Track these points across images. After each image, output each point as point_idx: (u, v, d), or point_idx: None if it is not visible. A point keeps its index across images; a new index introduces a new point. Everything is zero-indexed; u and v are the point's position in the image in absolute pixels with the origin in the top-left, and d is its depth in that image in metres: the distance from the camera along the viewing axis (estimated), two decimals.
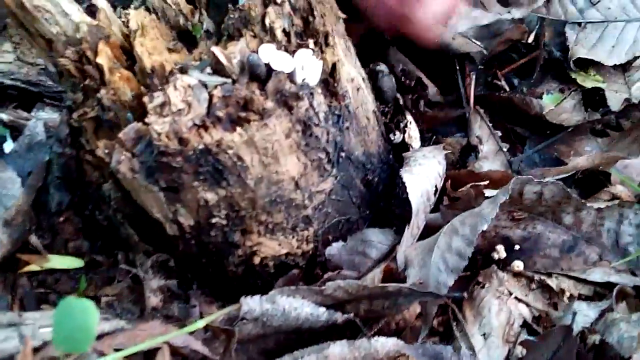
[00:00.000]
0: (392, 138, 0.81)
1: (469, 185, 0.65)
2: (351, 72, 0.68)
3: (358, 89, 0.69)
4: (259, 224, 0.61)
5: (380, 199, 0.74)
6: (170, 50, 0.65)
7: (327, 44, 0.63)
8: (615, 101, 0.73)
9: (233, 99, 0.56)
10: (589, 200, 0.68)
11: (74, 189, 0.73)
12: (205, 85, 0.56)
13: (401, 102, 0.77)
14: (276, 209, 0.61)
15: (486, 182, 0.65)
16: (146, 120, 0.54)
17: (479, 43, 0.75)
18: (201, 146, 0.54)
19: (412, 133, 0.80)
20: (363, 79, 0.73)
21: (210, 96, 0.56)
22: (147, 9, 0.66)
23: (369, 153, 0.72)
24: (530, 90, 0.80)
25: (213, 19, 0.68)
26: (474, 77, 0.76)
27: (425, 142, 0.79)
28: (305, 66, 0.60)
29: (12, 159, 0.78)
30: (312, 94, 0.59)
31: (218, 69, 0.58)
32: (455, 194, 0.67)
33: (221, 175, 0.56)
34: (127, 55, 0.63)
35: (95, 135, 0.64)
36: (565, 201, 0.62)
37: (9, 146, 0.80)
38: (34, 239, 0.71)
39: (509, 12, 0.77)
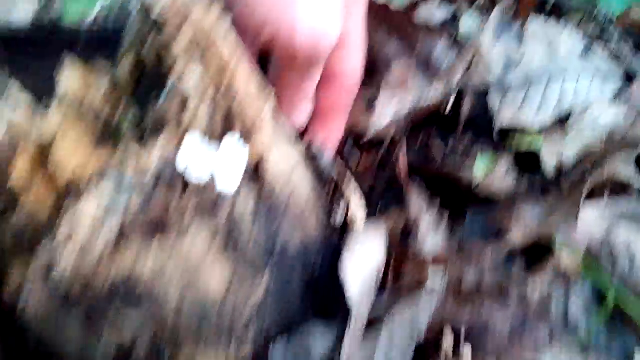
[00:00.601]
0: (333, 220, 0.77)
1: (408, 270, 0.62)
2: (284, 155, 0.64)
3: (291, 175, 0.65)
4: (187, 344, 0.56)
5: (325, 285, 0.70)
6: (93, 152, 0.59)
7: (253, 132, 0.58)
8: (549, 164, 0.71)
9: (150, 212, 0.52)
10: (533, 272, 0.65)
11: None
12: (117, 201, 0.52)
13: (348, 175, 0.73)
14: (204, 327, 0.56)
15: (428, 265, 0.62)
16: (52, 255, 0.49)
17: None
18: (112, 275, 0.49)
19: (356, 212, 0.76)
20: (299, 160, 0.70)
21: (121, 214, 0.51)
22: (68, 104, 0.61)
23: (308, 241, 0.67)
24: (462, 157, 0.78)
25: (140, 111, 0.63)
26: (404, 148, 0.73)
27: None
28: (227, 162, 0.56)
29: None
30: (233, 198, 0.55)
31: (134, 177, 0.54)
32: (396, 279, 0.63)
33: (137, 306, 0.51)
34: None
35: (10, 261, 0.58)
36: (507, 282, 0.59)
37: None
38: None
39: (430, 91, 0.75)
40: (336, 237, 0.77)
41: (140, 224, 0.51)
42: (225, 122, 0.58)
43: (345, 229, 0.79)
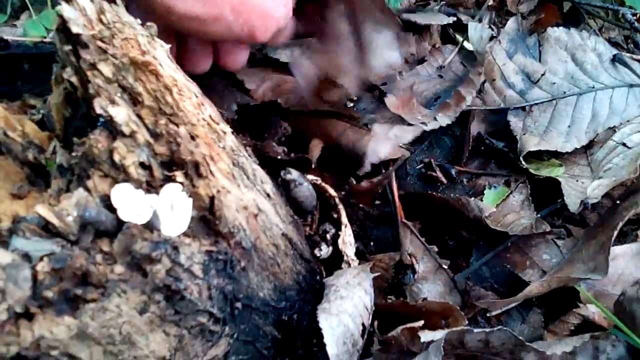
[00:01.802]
0: (319, 254, 0.66)
1: (400, 329, 0.50)
2: (243, 198, 0.53)
3: (256, 215, 0.54)
4: None
5: (305, 338, 0.58)
6: (14, 196, 0.51)
7: (199, 175, 0.48)
8: (573, 199, 0.57)
9: (68, 271, 0.42)
10: (555, 324, 0.52)
11: None
12: (27, 257, 0.42)
13: (340, 211, 0.62)
14: None
15: (421, 323, 0.49)
16: None
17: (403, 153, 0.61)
18: (13, 352, 0.39)
19: (346, 239, 0.65)
20: (268, 195, 0.59)
21: (35, 272, 0.41)
22: None
23: (282, 287, 0.56)
24: (471, 183, 0.65)
25: (69, 147, 0.54)
26: (394, 179, 0.61)
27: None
28: (169, 207, 0.46)
29: None
30: (175, 248, 0.45)
31: (53, 229, 0.44)
32: (386, 337, 0.51)
33: None
34: None
35: None
36: (519, 348, 0.47)
37: None
38: None
39: (434, 118, 0.62)
40: (319, 277, 0.66)
41: (58, 279, 0.41)
42: (166, 165, 0.48)
43: (332, 264, 0.67)
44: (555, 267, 0.54)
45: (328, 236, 0.66)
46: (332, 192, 0.65)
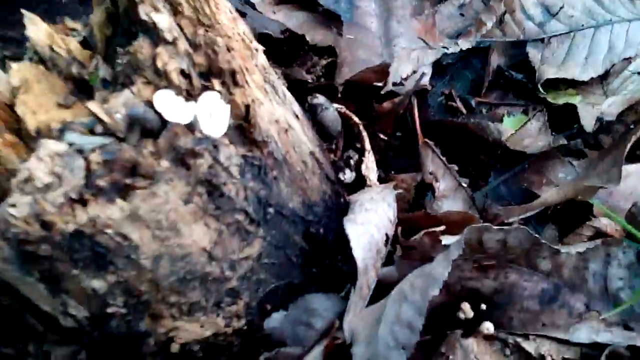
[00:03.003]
0: (343, 177, 0.68)
1: (422, 233, 0.52)
2: (275, 112, 0.56)
3: (287, 130, 0.57)
4: (169, 307, 0.49)
5: (329, 251, 0.61)
6: (61, 106, 0.53)
7: (235, 83, 0.51)
8: (589, 120, 0.59)
9: (118, 163, 0.45)
10: (568, 237, 0.55)
11: None
12: (80, 151, 0.45)
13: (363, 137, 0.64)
14: (188, 287, 0.49)
15: (443, 227, 0.52)
16: (9, 201, 0.42)
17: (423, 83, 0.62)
18: (71, 228, 0.42)
19: (369, 164, 0.67)
20: (297, 116, 0.61)
21: (88, 163, 0.44)
22: (39, 60, 0.55)
23: (310, 202, 0.59)
24: (490, 113, 0.67)
25: (111, 62, 0.57)
26: (415, 103, 0.63)
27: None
28: (209, 112, 0.48)
29: None
30: (215, 147, 0.47)
31: (102, 127, 0.47)
32: (408, 242, 0.54)
33: (104, 259, 0.44)
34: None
35: None
36: (536, 247, 0.49)
37: None
38: None
39: (456, 43, 0.64)
40: (345, 200, 0.68)
41: (108, 170, 0.44)
42: (204, 75, 0.50)
43: (357, 185, 0.70)
44: (570, 182, 0.56)
45: (352, 162, 0.68)
46: (355, 119, 0.68)
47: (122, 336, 0.50)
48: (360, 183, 0.68)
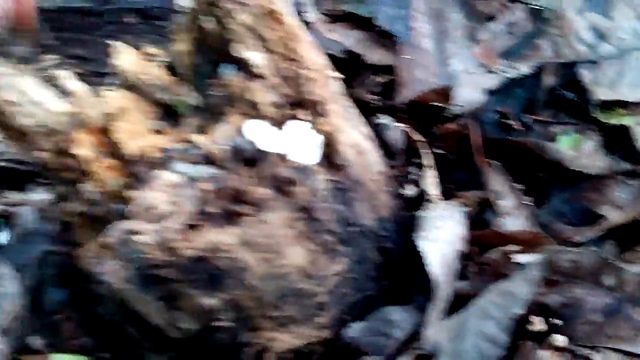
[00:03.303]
0: (405, 193, 0.72)
1: (497, 251, 0.56)
2: (352, 136, 0.60)
3: (360, 152, 0.61)
4: (268, 320, 0.53)
5: (398, 265, 0.65)
6: (154, 131, 0.57)
7: (320, 113, 0.54)
8: None
9: (224, 191, 0.49)
10: (630, 252, 0.59)
11: (71, 285, 0.65)
12: (192, 179, 0.49)
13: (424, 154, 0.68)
14: (285, 302, 0.53)
15: (518, 247, 0.56)
16: (130, 226, 0.46)
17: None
18: (193, 253, 0.46)
19: (431, 180, 0.71)
20: (366, 137, 0.65)
21: (200, 191, 0.48)
22: (127, 86, 0.59)
23: (380, 218, 0.63)
24: (544, 131, 0.71)
25: (199, 90, 0.60)
26: (474, 121, 0.67)
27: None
28: (300, 141, 0.52)
29: (7, 252, 0.71)
30: (310, 174, 0.51)
31: (204, 157, 0.50)
32: (482, 259, 0.58)
33: (220, 280, 0.48)
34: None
35: (86, 230, 0.57)
36: (604, 266, 0.53)
37: (3, 237, 0.73)
38: (33, 341, 0.64)
39: (514, 66, 0.68)
40: (407, 213, 0.72)
41: (218, 197, 0.48)
42: (293, 104, 0.54)
43: (417, 203, 0.74)
44: (631, 202, 0.60)
45: (414, 177, 0.72)
46: (417, 137, 0.71)
47: (225, 346, 0.54)
48: (421, 198, 0.72)
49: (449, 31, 0.75)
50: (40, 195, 0.78)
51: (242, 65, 0.52)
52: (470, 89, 0.67)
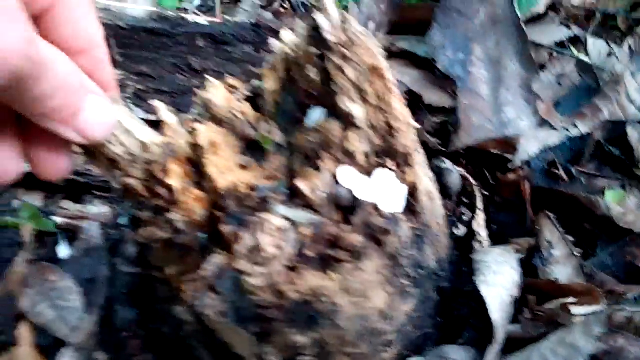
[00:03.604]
0: (455, 232, 0.76)
1: (557, 302, 0.60)
2: (425, 183, 0.63)
3: (432, 199, 0.64)
4: (345, 356, 0.56)
5: (451, 302, 0.69)
6: (241, 166, 0.59)
7: (407, 164, 0.58)
8: None
9: (321, 235, 0.52)
10: None
11: (139, 304, 0.68)
12: (293, 223, 0.52)
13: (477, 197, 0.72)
14: (362, 340, 0.56)
15: (575, 299, 0.60)
16: (236, 266, 0.49)
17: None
18: (298, 297, 0.49)
19: (480, 222, 0.75)
20: (432, 180, 0.68)
21: (299, 235, 0.51)
22: (215, 119, 0.61)
23: (440, 259, 0.66)
24: (590, 183, 0.75)
25: (282, 128, 0.63)
26: (526, 179, 0.71)
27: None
28: (387, 190, 0.55)
29: (68, 265, 0.73)
30: (399, 223, 0.55)
31: (301, 201, 0.53)
32: (540, 309, 0.62)
33: (315, 321, 0.51)
34: (194, 166, 0.58)
35: (167, 255, 0.59)
36: None
37: (63, 250, 0.75)
38: (98, 355, 0.66)
39: (575, 125, 0.72)
40: (456, 252, 0.76)
41: (315, 241, 0.51)
42: (381, 155, 0.57)
43: (465, 243, 0.78)
44: None
45: (465, 218, 0.76)
46: (472, 181, 0.75)
47: None
48: (470, 238, 0.76)
49: (505, 79, 0.79)
50: (99, 209, 0.80)
51: (340, 115, 0.55)
52: (535, 143, 0.71)
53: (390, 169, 0.56)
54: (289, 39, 0.61)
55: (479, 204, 0.74)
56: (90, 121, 0.44)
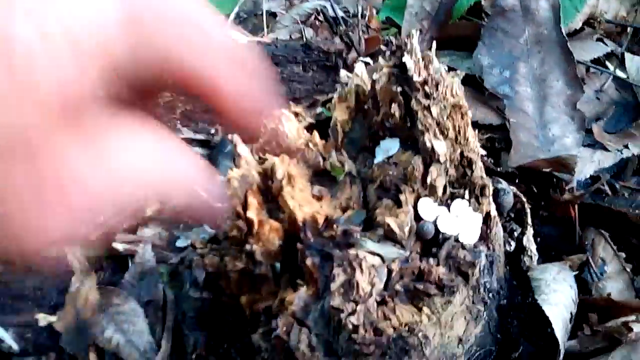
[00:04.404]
0: (508, 248, 0.79)
1: (619, 321, 0.63)
2: (494, 210, 0.65)
3: (497, 223, 0.67)
4: None
5: (507, 318, 0.72)
6: (314, 197, 0.61)
7: (483, 194, 0.60)
8: None
9: (408, 269, 0.53)
10: None
11: (208, 328, 0.69)
12: (382, 259, 0.53)
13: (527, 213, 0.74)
14: None
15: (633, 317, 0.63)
16: (332, 304, 0.51)
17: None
18: (393, 332, 0.51)
19: (530, 238, 0.77)
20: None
21: (389, 270, 0.53)
22: (288, 151, 0.62)
23: (499, 278, 0.69)
24: (632, 197, 0.78)
25: (349, 156, 0.64)
26: (575, 192, 0.73)
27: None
28: (464, 220, 0.57)
29: (126, 289, 0.73)
30: (479, 254, 0.57)
31: (384, 234, 0.55)
32: (601, 327, 0.65)
33: (406, 354, 0.53)
34: (265, 195, 0.60)
35: (237, 283, 0.61)
36: None
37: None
38: None
39: (626, 146, 0.75)
40: (508, 269, 0.79)
41: (402, 276, 0.53)
42: (456, 185, 0.59)
43: (516, 255, 0.80)
44: None
45: (515, 234, 0.79)
46: (523, 198, 0.77)
47: None
48: (519, 252, 0.79)
49: (550, 97, 0.81)
50: (151, 231, 0.81)
51: (422, 149, 0.57)
52: (591, 166, 0.74)
53: (465, 199, 0.58)
54: (362, 72, 0.62)
55: (529, 220, 0.76)
56: None
